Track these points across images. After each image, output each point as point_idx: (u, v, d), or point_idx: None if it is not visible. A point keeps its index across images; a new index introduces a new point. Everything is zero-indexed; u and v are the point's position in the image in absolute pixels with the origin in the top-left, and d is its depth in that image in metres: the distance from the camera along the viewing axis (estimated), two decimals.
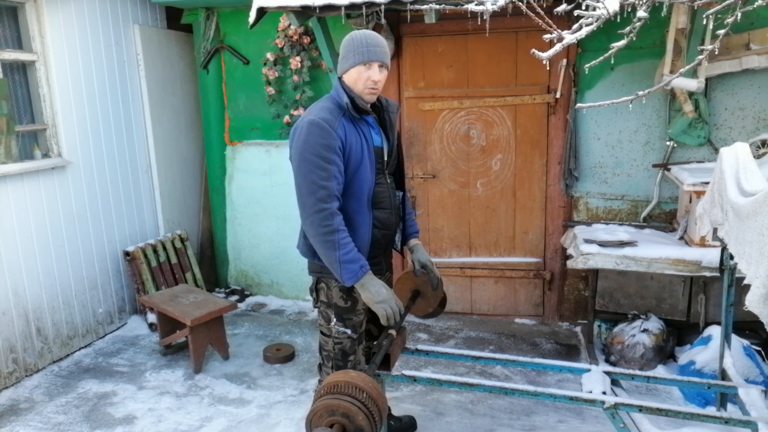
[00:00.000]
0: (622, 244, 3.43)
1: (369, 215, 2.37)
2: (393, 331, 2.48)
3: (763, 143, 3.59)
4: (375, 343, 2.61)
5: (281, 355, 3.80)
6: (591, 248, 3.43)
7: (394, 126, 2.48)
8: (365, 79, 2.26)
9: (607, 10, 1.85)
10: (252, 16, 3.40)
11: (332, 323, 2.44)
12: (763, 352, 3.19)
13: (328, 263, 2.24)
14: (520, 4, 2.08)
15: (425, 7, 2.97)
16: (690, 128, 3.72)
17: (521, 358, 2.62)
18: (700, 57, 1.93)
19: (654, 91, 2.04)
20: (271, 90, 4.49)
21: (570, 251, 3.68)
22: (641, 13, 1.89)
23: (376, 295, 2.26)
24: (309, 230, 2.23)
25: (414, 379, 2.43)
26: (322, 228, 2.18)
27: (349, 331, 2.44)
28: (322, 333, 2.51)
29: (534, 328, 4.26)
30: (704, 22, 3.06)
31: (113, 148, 4.29)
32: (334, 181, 2.20)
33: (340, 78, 2.34)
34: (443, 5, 2.96)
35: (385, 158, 2.43)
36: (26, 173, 3.61)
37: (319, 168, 2.17)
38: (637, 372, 2.62)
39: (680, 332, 3.64)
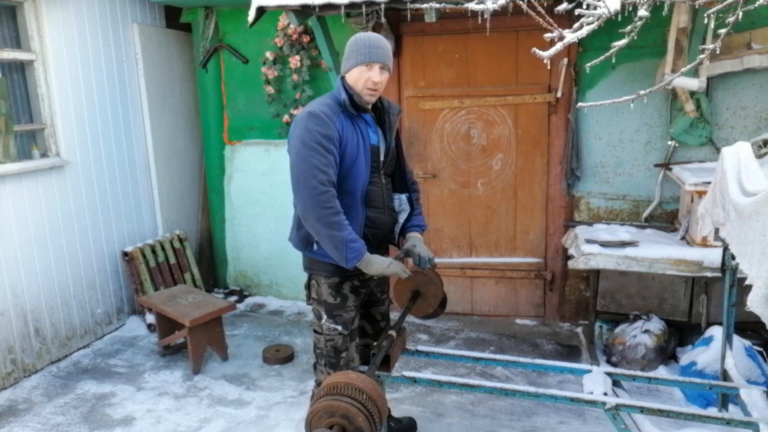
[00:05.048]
0: (623, 244, 3.41)
1: (362, 212, 2.40)
2: (393, 332, 2.48)
3: (765, 143, 3.57)
4: (373, 342, 2.61)
5: (280, 356, 3.79)
6: (592, 248, 3.42)
7: (394, 128, 2.52)
8: (365, 79, 2.32)
9: (608, 9, 1.84)
10: (251, 15, 3.39)
11: (323, 320, 2.48)
12: (764, 353, 3.18)
13: (331, 246, 2.23)
14: (521, 3, 2.07)
15: (425, 6, 2.95)
16: (691, 128, 3.70)
17: (522, 359, 2.62)
18: (702, 56, 1.92)
19: (655, 91, 2.03)
20: (270, 89, 4.47)
21: (571, 251, 3.67)
22: (642, 12, 1.88)
23: (383, 262, 2.31)
24: (311, 213, 2.22)
25: (414, 380, 2.42)
26: (326, 210, 2.19)
27: (339, 328, 2.46)
28: (315, 331, 2.55)
29: (535, 329, 4.25)
30: (705, 21, 3.05)
31: (112, 148, 4.27)
32: (332, 169, 2.26)
33: (342, 77, 2.41)
34: (443, 4, 2.94)
35: (381, 158, 2.47)
36: (24, 173, 3.59)
37: (319, 154, 2.23)
38: (639, 373, 2.61)
39: (682, 333, 3.63)
